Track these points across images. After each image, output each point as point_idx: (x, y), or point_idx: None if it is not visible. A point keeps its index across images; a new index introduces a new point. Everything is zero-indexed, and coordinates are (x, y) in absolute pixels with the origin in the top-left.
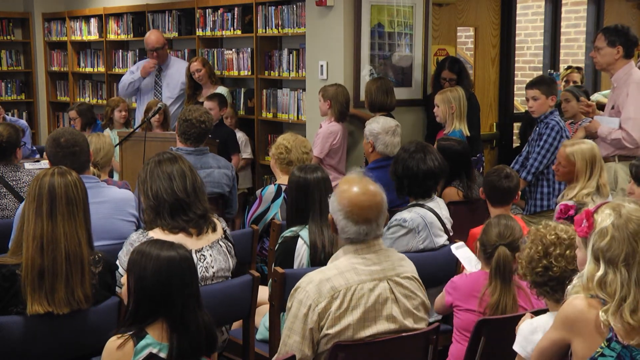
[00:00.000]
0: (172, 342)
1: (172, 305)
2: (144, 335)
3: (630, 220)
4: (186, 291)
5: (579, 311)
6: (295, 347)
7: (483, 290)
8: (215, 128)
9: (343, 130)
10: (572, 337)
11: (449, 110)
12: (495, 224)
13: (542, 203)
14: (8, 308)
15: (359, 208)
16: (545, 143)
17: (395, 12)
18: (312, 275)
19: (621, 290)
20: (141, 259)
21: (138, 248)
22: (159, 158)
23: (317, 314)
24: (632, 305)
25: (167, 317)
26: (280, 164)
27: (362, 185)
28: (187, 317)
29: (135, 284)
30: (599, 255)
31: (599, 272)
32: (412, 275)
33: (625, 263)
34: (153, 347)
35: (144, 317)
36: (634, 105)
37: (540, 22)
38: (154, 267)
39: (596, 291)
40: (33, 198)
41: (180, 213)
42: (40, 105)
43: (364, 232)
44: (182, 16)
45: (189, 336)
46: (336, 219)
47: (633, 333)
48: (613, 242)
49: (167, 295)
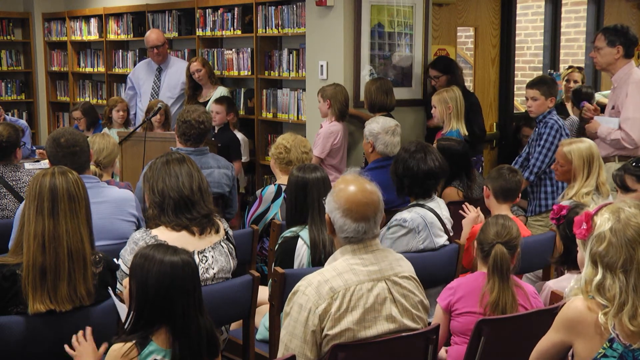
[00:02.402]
0: (175, 349)
1: (173, 311)
2: (147, 342)
3: (629, 226)
4: (188, 297)
5: (579, 312)
6: (298, 351)
7: (483, 289)
8: (220, 132)
9: (344, 129)
10: (574, 338)
11: (446, 110)
12: (493, 224)
13: (546, 202)
14: (8, 308)
15: (357, 205)
16: (545, 142)
17: (395, 12)
18: (310, 278)
19: (620, 296)
20: (144, 263)
21: (142, 252)
22: (167, 158)
23: (318, 316)
24: (631, 312)
25: (169, 323)
26: (280, 164)
27: (359, 183)
28: (189, 322)
29: (137, 289)
30: (597, 260)
31: (597, 277)
32: (409, 275)
33: (623, 269)
34: (157, 354)
35: (147, 324)
36: (632, 105)
37: (540, 22)
38: (157, 272)
39: (595, 295)
40: (34, 197)
41: (184, 211)
42: (40, 105)
43: (363, 230)
44: (182, 16)
45: (190, 342)
46: (334, 218)
47: (634, 337)
48: (610, 248)
49: (169, 300)
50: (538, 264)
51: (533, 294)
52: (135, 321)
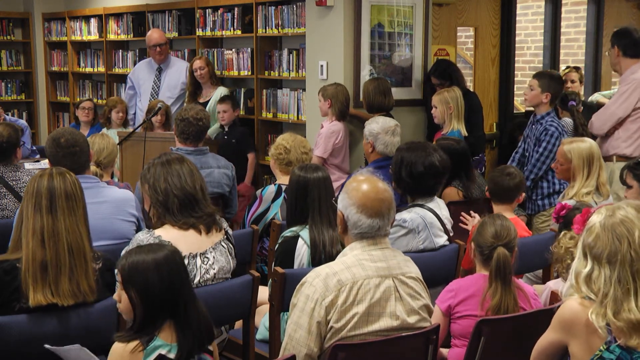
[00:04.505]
0: (181, 341)
1: (177, 304)
2: (152, 338)
3: (619, 222)
4: (186, 284)
5: (574, 313)
6: (302, 342)
7: (484, 293)
8: (230, 129)
9: (345, 129)
10: (569, 339)
11: (446, 110)
12: (490, 223)
13: (543, 202)
14: (11, 303)
15: (372, 201)
16: (544, 150)
17: (395, 12)
18: (319, 270)
19: (604, 287)
20: (137, 268)
21: (127, 262)
22: (167, 157)
23: (325, 308)
24: (614, 306)
25: (173, 317)
26: (280, 164)
27: (373, 181)
28: (190, 312)
29: (140, 295)
30: (587, 251)
31: (585, 269)
32: (416, 277)
33: (607, 260)
34: (162, 349)
35: (154, 323)
36: (614, 98)
37: (540, 22)
38: (155, 271)
39: (582, 287)
40: (32, 195)
41: (190, 209)
42: (40, 105)
43: (377, 226)
44: (182, 16)
45: (193, 332)
46: (348, 214)
47: (627, 334)
48: (598, 239)
49: (173, 295)
50: (538, 264)
51: (533, 295)
52: (142, 323)
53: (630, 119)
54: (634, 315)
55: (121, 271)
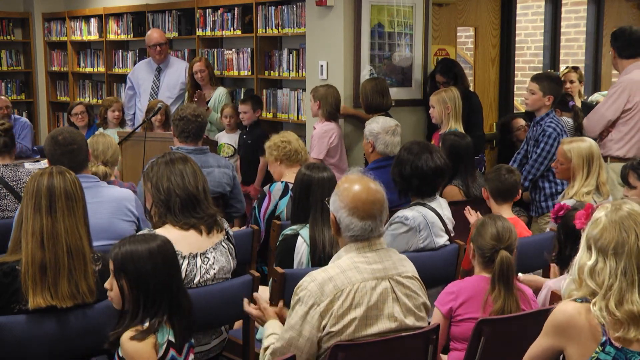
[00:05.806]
0: (174, 326)
1: (171, 290)
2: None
3: (628, 215)
4: (178, 274)
5: (569, 316)
6: (292, 343)
7: (485, 296)
8: (250, 129)
9: (338, 128)
10: (565, 343)
11: (444, 110)
12: (491, 224)
13: (547, 204)
14: (10, 305)
15: (363, 203)
16: (542, 151)
17: (395, 12)
18: (315, 274)
19: (608, 279)
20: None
21: (121, 252)
22: (170, 157)
23: (319, 314)
24: (618, 297)
25: (169, 304)
26: (289, 159)
27: (364, 182)
28: (181, 297)
29: (133, 284)
30: (591, 243)
31: (589, 261)
32: (413, 275)
33: (614, 252)
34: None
35: (156, 312)
36: (604, 100)
37: (540, 22)
38: (149, 260)
39: (586, 280)
40: (31, 195)
41: (191, 209)
42: (40, 105)
43: (370, 228)
44: (182, 16)
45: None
46: (340, 217)
47: (622, 328)
48: (605, 231)
49: (168, 281)
50: (538, 264)
51: (532, 296)
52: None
53: (622, 121)
54: (635, 307)
55: (114, 259)
